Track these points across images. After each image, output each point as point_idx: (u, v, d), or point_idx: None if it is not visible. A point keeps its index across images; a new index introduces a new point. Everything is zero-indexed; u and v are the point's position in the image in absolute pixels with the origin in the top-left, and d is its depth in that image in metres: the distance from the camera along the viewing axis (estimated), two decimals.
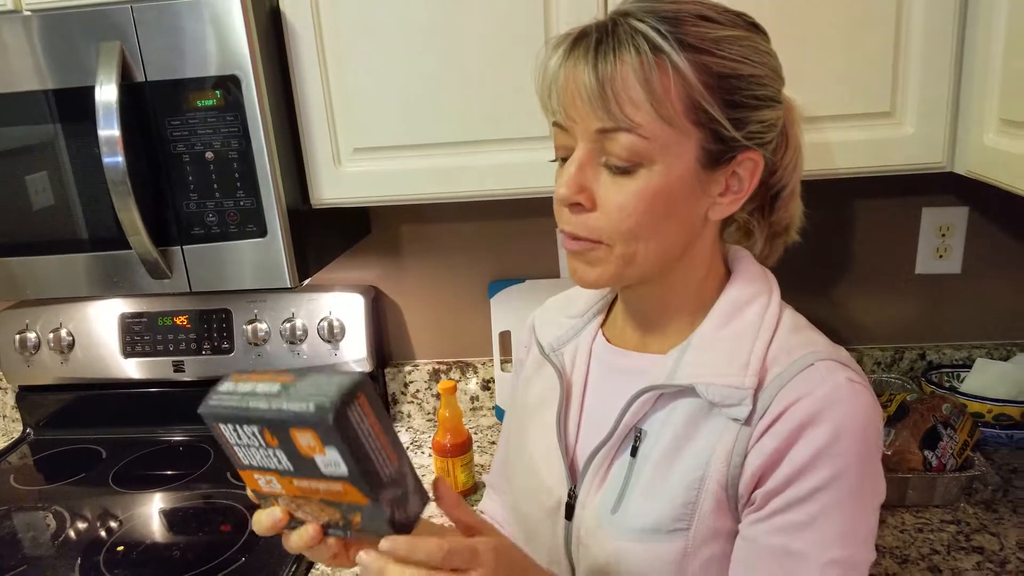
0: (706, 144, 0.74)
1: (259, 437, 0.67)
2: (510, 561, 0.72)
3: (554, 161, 0.82)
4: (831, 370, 0.74)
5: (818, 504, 0.71)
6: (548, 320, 0.97)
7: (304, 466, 0.67)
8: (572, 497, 0.86)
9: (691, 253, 0.81)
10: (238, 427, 0.67)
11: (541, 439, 0.90)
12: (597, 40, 0.72)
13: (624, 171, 0.74)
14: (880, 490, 0.75)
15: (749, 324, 0.79)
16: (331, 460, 0.65)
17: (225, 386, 0.69)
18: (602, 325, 0.93)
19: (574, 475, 0.87)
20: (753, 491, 0.74)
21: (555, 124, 0.78)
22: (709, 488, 0.76)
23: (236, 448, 0.69)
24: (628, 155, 0.73)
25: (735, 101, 0.74)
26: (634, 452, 0.81)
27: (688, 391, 0.78)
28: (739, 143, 0.75)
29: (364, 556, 0.68)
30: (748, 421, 0.74)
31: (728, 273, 0.86)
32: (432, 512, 1.16)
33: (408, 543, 0.66)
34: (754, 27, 0.77)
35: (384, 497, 0.67)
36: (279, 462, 0.68)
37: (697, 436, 0.78)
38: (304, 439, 0.64)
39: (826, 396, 0.72)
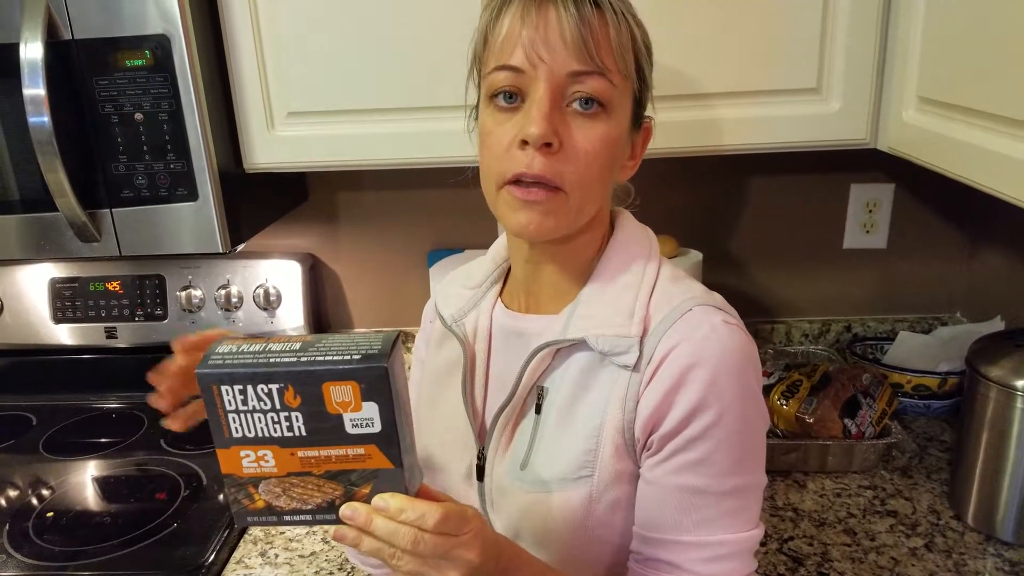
0: (634, 106, 0.81)
1: (276, 398, 0.64)
2: (488, 531, 0.73)
3: (500, 110, 0.80)
4: (707, 314, 0.78)
5: (711, 441, 0.75)
6: (448, 293, 0.98)
7: (323, 430, 0.65)
8: (481, 459, 0.88)
9: (598, 214, 0.85)
10: (250, 387, 0.64)
11: (450, 407, 0.92)
12: None
13: (589, 115, 0.76)
14: (764, 417, 0.80)
15: (632, 277, 0.83)
16: (365, 417, 0.64)
17: (225, 347, 0.66)
18: (500, 293, 0.95)
19: (483, 438, 0.89)
20: (649, 435, 0.78)
21: (504, 68, 0.77)
22: (607, 434, 0.79)
23: (231, 417, 0.65)
24: (598, 96, 0.76)
25: (650, 69, 0.82)
26: (539, 409, 0.84)
27: (581, 344, 0.82)
28: (645, 110, 0.83)
29: (349, 510, 0.67)
30: (637, 367, 0.78)
31: (611, 231, 0.89)
32: None
33: (403, 501, 0.66)
34: None
35: (406, 462, 0.66)
36: (290, 427, 0.65)
37: (593, 386, 0.81)
38: (339, 393, 0.63)
39: (704, 338, 0.76)
